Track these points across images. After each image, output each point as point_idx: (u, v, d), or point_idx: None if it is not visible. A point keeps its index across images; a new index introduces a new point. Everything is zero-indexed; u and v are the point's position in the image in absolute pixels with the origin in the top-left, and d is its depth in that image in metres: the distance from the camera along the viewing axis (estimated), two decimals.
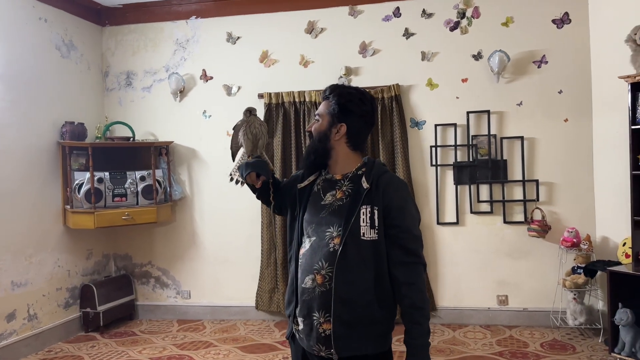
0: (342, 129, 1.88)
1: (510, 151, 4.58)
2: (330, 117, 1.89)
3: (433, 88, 4.66)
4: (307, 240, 1.87)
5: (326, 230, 1.83)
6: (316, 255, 1.82)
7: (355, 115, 1.89)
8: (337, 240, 1.79)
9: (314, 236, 1.85)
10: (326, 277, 1.78)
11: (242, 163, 2.02)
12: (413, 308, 1.76)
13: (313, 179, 1.95)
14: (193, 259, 5.11)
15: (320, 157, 1.92)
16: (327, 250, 1.80)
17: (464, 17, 4.61)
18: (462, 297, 4.63)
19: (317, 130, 1.91)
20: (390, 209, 1.79)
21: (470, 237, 4.63)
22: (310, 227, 1.87)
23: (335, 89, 1.92)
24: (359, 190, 1.82)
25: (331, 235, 1.81)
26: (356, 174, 1.88)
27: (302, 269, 1.85)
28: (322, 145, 1.90)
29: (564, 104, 4.48)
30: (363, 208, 1.79)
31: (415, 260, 1.79)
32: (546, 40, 4.49)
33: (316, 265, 1.80)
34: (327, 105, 1.91)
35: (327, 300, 1.76)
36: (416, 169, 4.67)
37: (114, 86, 5.23)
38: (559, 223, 4.48)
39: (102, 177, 4.61)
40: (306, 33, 4.84)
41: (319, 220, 1.85)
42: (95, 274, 5.05)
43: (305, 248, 1.87)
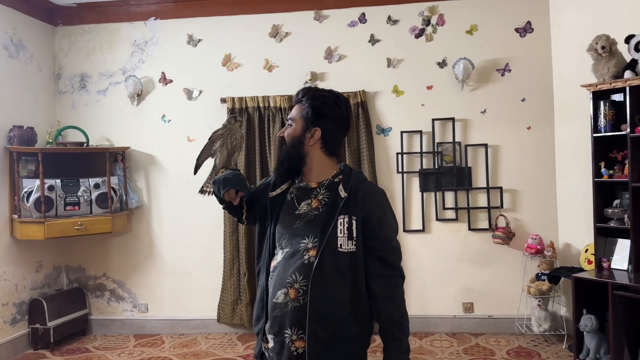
0: (316, 133, 1.77)
1: (474, 158, 4.58)
2: (303, 122, 1.78)
3: (399, 95, 4.63)
4: (279, 251, 1.76)
5: (301, 242, 1.71)
6: (289, 267, 1.70)
7: (330, 118, 1.78)
8: (312, 252, 1.69)
9: (288, 247, 1.73)
10: (300, 291, 1.67)
11: (219, 177, 1.85)
12: (391, 323, 1.68)
13: (286, 187, 1.83)
14: (151, 271, 4.88)
15: (294, 164, 1.80)
16: (302, 262, 1.69)
17: (429, 25, 4.60)
18: (428, 305, 4.60)
19: (290, 136, 1.80)
20: (369, 219, 1.71)
21: (435, 245, 4.60)
22: (283, 238, 1.76)
23: (308, 91, 1.82)
24: (336, 199, 1.72)
25: (306, 246, 1.70)
26: (332, 181, 1.77)
27: (273, 282, 1.74)
28: (295, 151, 1.79)
29: (527, 112, 4.53)
30: (340, 218, 1.69)
31: (394, 273, 1.72)
32: (509, 49, 4.54)
33: (289, 278, 1.69)
34: (300, 109, 1.80)
35: (301, 317, 1.65)
36: (382, 176, 4.62)
37: (67, 89, 4.97)
38: (523, 230, 4.51)
39: (53, 184, 4.35)
40: (270, 37, 4.73)
41: (293, 231, 1.74)
42: (46, 287, 4.75)
43: (277, 260, 1.75)
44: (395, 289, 1.71)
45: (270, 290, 1.74)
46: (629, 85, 3.55)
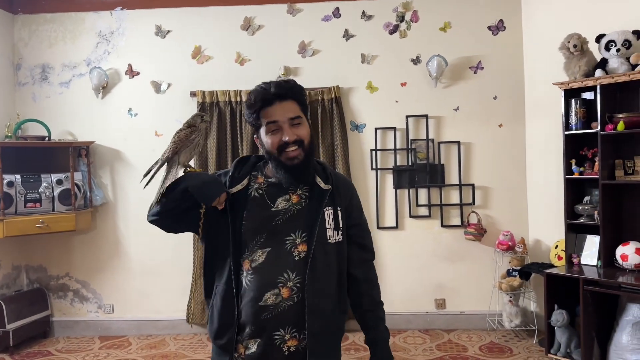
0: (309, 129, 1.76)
1: (447, 155, 4.59)
2: (306, 118, 1.71)
3: (373, 91, 4.59)
4: (258, 252, 1.64)
5: (286, 239, 1.65)
6: (278, 266, 1.63)
7: None
8: (302, 247, 1.64)
9: (268, 246, 1.64)
10: (294, 289, 1.61)
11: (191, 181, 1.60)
12: (375, 304, 1.77)
13: (246, 183, 1.70)
14: (116, 270, 4.71)
15: (310, 167, 1.70)
16: (292, 259, 1.63)
17: (403, 21, 4.58)
18: (401, 301, 4.58)
19: (306, 136, 1.67)
20: (351, 209, 1.77)
21: (409, 241, 4.59)
22: (258, 236, 1.65)
23: (299, 87, 1.72)
24: (320, 192, 1.69)
25: (294, 242, 1.65)
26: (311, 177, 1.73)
27: (256, 285, 1.62)
28: (313, 150, 1.70)
29: (498, 110, 4.56)
30: (327, 210, 1.68)
31: (372, 257, 1.83)
32: (482, 47, 4.56)
33: (281, 277, 1.62)
34: (298, 106, 1.68)
35: (297, 314, 1.61)
36: (357, 172, 4.58)
37: (27, 80, 4.73)
38: (494, 226, 4.54)
39: (13, 180, 4.14)
40: (242, 30, 4.62)
41: (273, 229, 1.65)
42: (4, 288, 4.52)
43: (257, 261, 1.64)
44: (374, 271, 1.83)
45: (249, 294, 1.62)
46: (599, 84, 3.61)
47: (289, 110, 1.66)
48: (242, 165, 1.76)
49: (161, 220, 1.67)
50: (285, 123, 1.64)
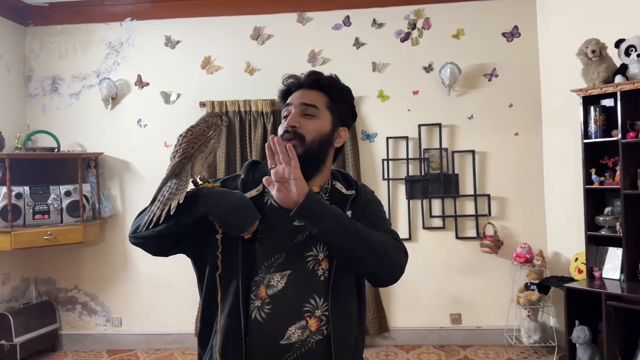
0: (343, 135, 1.51)
1: (461, 165, 4.47)
2: (333, 117, 1.46)
3: (384, 100, 4.50)
4: (275, 276, 1.36)
5: (308, 255, 1.38)
6: (304, 292, 1.36)
7: (353, 119, 1.58)
8: (325, 265, 1.38)
9: (289, 269, 1.36)
10: (322, 319, 1.35)
11: (239, 203, 1.32)
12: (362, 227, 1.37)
13: (262, 189, 1.44)
14: (125, 283, 4.65)
15: (312, 169, 1.43)
16: (317, 280, 1.37)
17: (414, 28, 4.49)
18: (415, 316, 4.44)
19: (318, 131, 1.42)
20: (368, 208, 1.49)
21: (422, 254, 4.46)
22: (275, 256, 1.37)
23: (336, 81, 1.51)
24: (341, 197, 1.46)
25: (316, 258, 1.38)
26: (332, 185, 1.50)
27: (275, 318, 1.33)
28: (321, 153, 1.44)
29: (514, 118, 4.43)
30: (348, 214, 1.43)
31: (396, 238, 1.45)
32: (496, 54, 4.44)
33: (308, 305, 1.35)
34: (326, 100, 1.46)
35: (325, 352, 1.35)
36: (368, 182, 4.47)
37: (38, 92, 4.73)
38: (511, 238, 4.40)
39: (21, 192, 4.11)
40: (252, 39, 4.57)
41: (294, 246, 1.38)
42: (13, 300, 4.49)
43: (276, 287, 1.35)
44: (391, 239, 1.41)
45: (265, 331, 1.34)
46: (620, 90, 3.47)
47: (307, 97, 1.45)
48: (254, 169, 1.51)
49: (151, 245, 1.39)
50: (297, 108, 1.43)
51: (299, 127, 1.42)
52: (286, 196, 1.31)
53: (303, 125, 1.42)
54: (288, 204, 1.31)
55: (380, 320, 4.36)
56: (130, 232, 1.41)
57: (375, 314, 4.32)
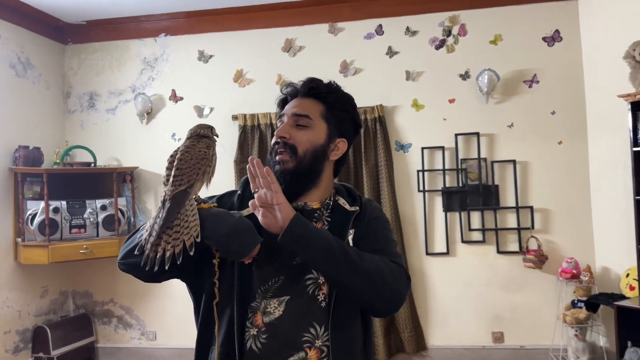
0: (341, 146, 1.40)
1: (502, 176, 4.28)
2: (328, 127, 1.37)
3: (419, 109, 4.37)
4: (272, 302, 1.26)
5: (307, 278, 1.28)
6: (303, 320, 1.25)
7: (355, 129, 1.46)
8: (325, 289, 1.27)
9: (288, 294, 1.27)
10: (323, 349, 1.25)
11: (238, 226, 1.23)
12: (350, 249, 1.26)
13: None
14: (159, 296, 4.65)
15: (307, 182, 1.35)
16: (317, 306, 1.26)
17: (450, 35, 4.36)
18: (454, 334, 4.25)
19: (311, 142, 1.34)
20: (370, 224, 1.39)
21: (461, 269, 4.28)
22: (273, 279, 1.28)
23: (336, 89, 1.41)
24: (344, 214, 1.36)
25: (316, 282, 1.27)
26: (335, 200, 1.40)
27: (275, 349, 1.23)
28: (315, 165, 1.35)
29: (557, 126, 4.22)
30: (350, 234, 1.34)
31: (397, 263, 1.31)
32: (537, 59, 4.25)
33: (308, 335, 1.25)
34: (321, 109, 1.37)
35: None
36: (402, 195, 4.34)
37: (76, 108, 4.84)
38: (556, 253, 4.16)
39: (59, 206, 4.17)
40: (283, 51, 4.54)
41: (293, 268, 1.28)
42: (51, 313, 4.56)
43: (273, 315, 1.25)
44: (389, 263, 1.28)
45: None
46: None
47: (300, 106, 1.37)
48: None
49: (142, 271, 1.23)
50: (289, 118, 1.35)
51: (289, 138, 1.33)
52: (272, 222, 1.22)
53: (294, 136, 1.34)
54: (274, 229, 1.22)
55: (418, 338, 4.20)
56: (120, 257, 1.31)
57: (412, 332, 4.16)
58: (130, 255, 1.26)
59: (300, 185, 1.33)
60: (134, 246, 1.26)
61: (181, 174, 1.25)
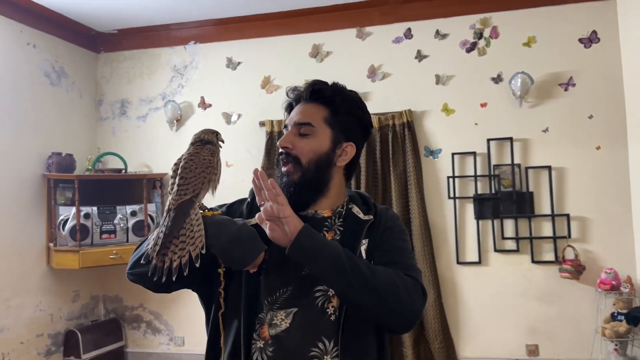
0: (349, 150, 1.35)
1: (536, 182, 4.13)
2: (333, 132, 1.32)
3: (449, 114, 4.27)
4: (279, 314, 1.23)
5: (317, 290, 1.24)
6: (311, 333, 1.21)
7: (364, 132, 1.40)
8: (335, 302, 1.23)
9: (295, 306, 1.23)
10: None
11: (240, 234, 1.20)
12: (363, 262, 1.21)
13: None
14: (187, 302, 4.66)
15: (313, 193, 1.31)
16: (326, 319, 1.22)
17: (481, 38, 4.24)
18: (486, 346, 4.11)
19: (314, 151, 1.30)
20: (383, 234, 1.32)
21: (494, 279, 4.14)
22: (281, 290, 1.25)
23: (340, 91, 1.36)
24: (357, 223, 1.31)
25: (326, 294, 1.24)
26: (348, 208, 1.35)
27: None
28: (321, 174, 1.31)
29: (595, 130, 4.05)
30: (364, 244, 1.28)
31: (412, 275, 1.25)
32: (573, 61, 4.10)
33: (316, 350, 1.21)
34: (326, 114, 1.32)
35: None
36: (432, 202, 4.24)
37: (108, 115, 4.92)
38: (595, 263, 3.98)
39: (90, 212, 4.24)
40: (311, 57, 4.52)
41: (301, 279, 1.24)
42: (82, 317, 4.63)
43: (279, 327, 1.22)
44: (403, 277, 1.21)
45: None
46: None
47: (301, 113, 1.33)
48: None
49: (151, 282, 1.22)
50: (292, 128, 1.31)
51: (292, 149, 1.30)
52: (279, 235, 1.19)
53: (297, 145, 1.30)
54: (283, 242, 1.19)
55: (448, 349, 4.07)
56: (128, 267, 1.29)
57: (442, 344, 4.04)
58: (138, 265, 1.24)
59: (307, 195, 1.30)
60: (141, 256, 1.23)
61: (186, 183, 1.23)
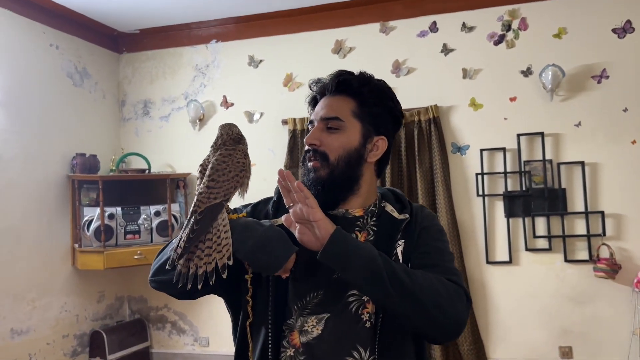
0: (381, 145, 1.27)
1: (569, 178, 3.98)
2: (363, 126, 1.25)
3: (477, 109, 4.15)
4: (310, 320, 1.16)
5: (350, 295, 1.16)
6: (345, 341, 1.13)
7: (395, 124, 1.32)
8: (371, 308, 1.14)
9: (327, 311, 1.15)
10: None
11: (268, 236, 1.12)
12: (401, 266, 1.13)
13: None
14: (212, 302, 4.61)
15: (342, 192, 1.23)
16: (362, 326, 1.14)
17: (509, 30, 4.11)
18: (517, 348, 3.99)
19: (343, 147, 1.22)
20: (421, 234, 1.24)
21: (525, 279, 4.01)
22: (311, 294, 1.17)
23: (368, 81, 1.29)
24: (392, 222, 1.22)
25: (360, 298, 1.15)
26: (380, 207, 1.27)
27: None
28: (352, 171, 1.23)
29: (630, 124, 3.89)
30: (400, 245, 1.20)
31: (454, 279, 1.16)
32: (606, 53, 3.94)
33: (350, 359, 1.13)
34: (354, 106, 1.24)
35: None
36: (460, 199, 4.12)
37: (131, 116, 4.92)
38: (631, 262, 3.82)
39: (114, 212, 4.23)
40: (333, 53, 4.44)
41: (333, 283, 1.17)
42: (107, 318, 4.63)
43: (311, 334, 1.15)
44: (446, 283, 1.13)
45: None
46: None
47: (328, 107, 1.25)
48: None
49: (175, 289, 1.15)
50: (318, 123, 1.24)
51: (320, 145, 1.21)
52: (310, 239, 1.11)
53: (325, 141, 1.22)
54: (314, 247, 1.11)
55: (478, 352, 3.96)
56: (150, 274, 1.23)
57: (472, 345, 3.93)
58: (161, 272, 1.18)
59: (336, 194, 1.21)
60: (164, 262, 1.17)
61: (217, 186, 1.15)
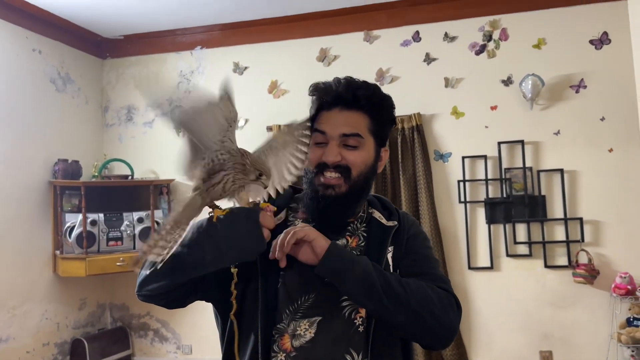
0: (385, 156, 1.33)
1: (548, 185, 4.07)
2: (375, 142, 1.28)
3: (459, 117, 4.22)
4: (302, 323, 1.15)
5: (343, 299, 1.16)
6: (339, 345, 1.13)
7: None
8: (364, 312, 1.16)
9: (319, 315, 1.16)
10: None
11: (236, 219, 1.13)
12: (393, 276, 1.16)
13: (284, 217, 1.29)
14: (195, 310, 4.52)
15: (359, 204, 1.27)
16: (354, 331, 1.15)
17: (490, 40, 4.20)
18: (499, 353, 4.04)
19: (365, 163, 1.24)
20: (408, 240, 1.27)
21: (506, 284, 4.07)
22: (302, 298, 1.17)
23: (381, 98, 1.30)
24: (381, 229, 1.25)
25: (353, 304, 1.16)
26: (368, 213, 1.31)
27: None
28: (366, 186, 1.26)
29: (607, 132, 3.99)
30: (390, 251, 1.23)
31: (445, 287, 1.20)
32: (584, 63, 4.05)
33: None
34: (368, 122, 1.25)
35: None
36: (442, 206, 4.18)
37: (114, 121, 4.89)
38: (609, 267, 3.91)
39: (96, 219, 4.19)
40: (318, 61, 4.48)
41: (325, 286, 1.16)
42: (89, 326, 4.57)
43: (303, 338, 1.14)
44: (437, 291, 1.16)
45: None
46: None
47: (347, 123, 1.24)
48: (278, 192, 1.31)
49: (162, 299, 1.18)
50: (335, 140, 1.23)
51: (342, 160, 1.22)
52: (309, 257, 1.13)
53: (346, 157, 1.22)
54: (311, 262, 1.14)
55: (461, 356, 4.00)
56: (137, 289, 1.20)
57: (454, 350, 3.97)
58: (148, 281, 1.15)
59: (352, 207, 1.24)
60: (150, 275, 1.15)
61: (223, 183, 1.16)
